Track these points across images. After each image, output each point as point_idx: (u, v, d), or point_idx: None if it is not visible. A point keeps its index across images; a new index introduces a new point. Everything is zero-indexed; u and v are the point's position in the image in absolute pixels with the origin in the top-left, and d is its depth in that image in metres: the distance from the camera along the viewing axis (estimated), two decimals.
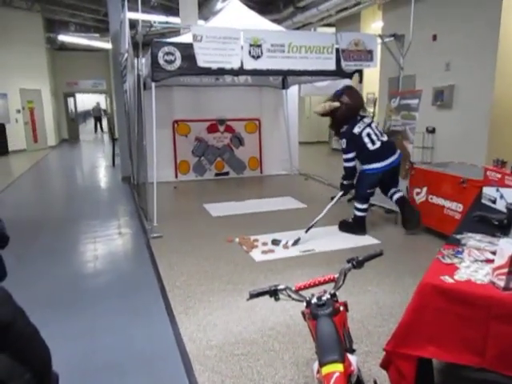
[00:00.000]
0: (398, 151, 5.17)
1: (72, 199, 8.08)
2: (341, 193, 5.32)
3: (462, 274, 2.00)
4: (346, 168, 5.23)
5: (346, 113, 5.10)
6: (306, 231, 4.97)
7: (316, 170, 9.73)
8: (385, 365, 2.18)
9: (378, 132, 5.10)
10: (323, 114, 5.35)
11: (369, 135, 5.02)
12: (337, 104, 5.10)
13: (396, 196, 5.27)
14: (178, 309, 3.42)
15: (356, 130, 5.04)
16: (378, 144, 5.01)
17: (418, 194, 5.22)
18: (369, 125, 5.08)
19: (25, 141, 14.90)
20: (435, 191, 5.00)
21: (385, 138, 5.10)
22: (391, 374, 2.12)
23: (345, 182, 5.31)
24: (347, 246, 4.76)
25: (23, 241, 5.12)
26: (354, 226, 5.26)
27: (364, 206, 5.20)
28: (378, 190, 5.43)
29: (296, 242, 4.84)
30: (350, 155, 5.13)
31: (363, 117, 5.19)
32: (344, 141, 5.12)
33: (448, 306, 1.90)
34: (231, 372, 2.61)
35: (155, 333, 3.12)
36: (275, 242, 4.86)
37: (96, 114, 23.97)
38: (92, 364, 2.75)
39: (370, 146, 5.01)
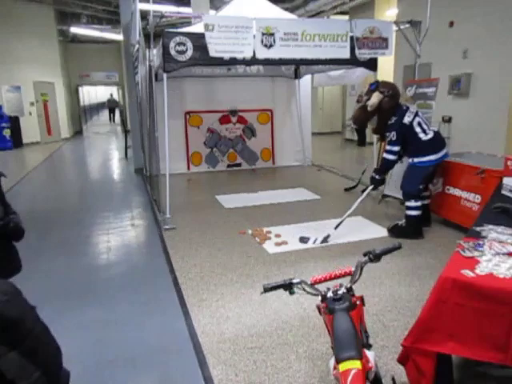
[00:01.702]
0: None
1: (85, 191, 8.13)
2: (371, 187, 4.93)
3: (483, 268, 1.94)
4: (386, 160, 4.78)
5: (391, 101, 4.68)
6: (336, 228, 4.67)
7: (329, 161, 9.63)
8: (402, 360, 2.13)
9: (426, 121, 4.78)
10: (364, 122, 5.05)
11: (420, 124, 4.62)
12: (380, 95, 4.67)
13: (425, 202, 4.95)
14: (191, 301, 3.41)
15: (406, 119, 4.62)
16: (430, 134, 4.62)
17: (434, 184, 5.11)
18: (417, 114, 4.69)
19: (39, 133, 15.04)
20: (452, 182, 4.89)
21: (435, 128, 4.81)
22: (409, 370, 2.08)
23: (377, 177, 4.89)
24: (362, 238, 4.69)
25: (38, 232, 5.16)
26: (408, 229, 4.72)
27: (418, 204, 4.68)
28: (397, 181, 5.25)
29: (325, 240, 4.59)
30: (396, 148, 4.67)
31: (407, 106, 4.83)
32: (394, 133, 4.64)
33: (469, 300, 1.84)
34: (245, 365, 2.59)
35: (168, 325, 3.11)
36: (303, 240, 4.62)
37: (111, 106, 25.10)
38: (104, 356, 2.75)
39: (422, 135, 4.60)
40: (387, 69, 10.29)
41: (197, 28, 5.61)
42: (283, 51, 5.23)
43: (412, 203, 4.69)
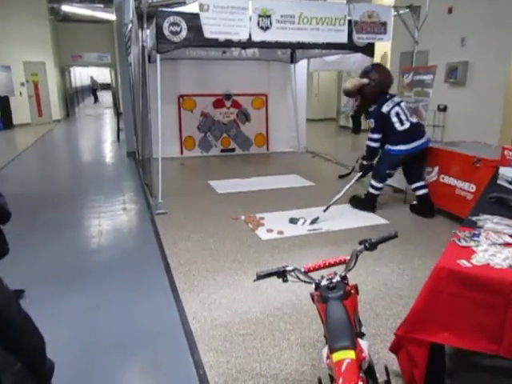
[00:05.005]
0: (426, 136, 4.99)
1: (76, 174, 8.02)
2: (359, 174, 5.27)
3: (479, 258, 1.91)
4: (368, 147, 5.08)
5: (374, 89, 4.94)
6: (325, 210, 4.93)
7: (323, 147, 9.57)
8: (394, 349, 2.13)
9: (407, 112, 4.93)
10: (350, 94, 5.22)
11: (397, 114, 4.85)
12: (365, 80, 4.94)
13: (421, 192, 5.08)
14: (183, 287, 3.38)
15: (384, 108, 4.86)
16: (406, 124, 4.83)
17: (429, 173, 5.09)
18: (398, 104, 4.91)
19: (29, 114, 14.78)
20: (447, 171, 4.87)
21: (414, 120, 4.95)
22: (401, 359, 2.07)
23: (364, 163, 5.19)
24: (355, 226, 4.68)
25: (27, 216, 5.08)
26: (364, 202, 5.21)
27: (379, 185, 5.11)
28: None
29: (314, 221, 4.75)
30: (376, 136, 4.96)
31: (392, 96, 5.03)
32: (372, 120, 4.96)
33: (464, 291, 1.82)
34: (236, 352, 2.56)
35: (159, 311, 3.08)
36: (293, 221, 4.77)
37: (94, 87, 27.60)
38: (95, 341, 2.71)
39: (398, 125, 4.83)
40: (378, 55, 10.17)
41: (191, 8, 5.45)
42: (279, 34, 5.13)
43: (375, 183, 5.11)
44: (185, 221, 4.92)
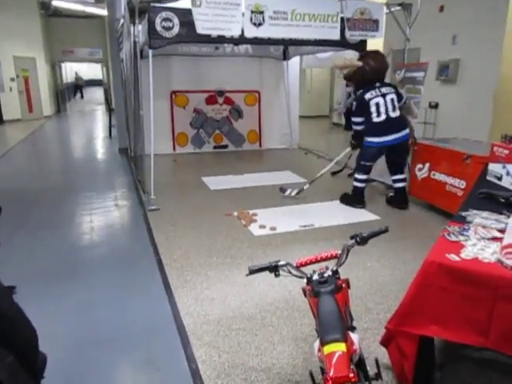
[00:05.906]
0: (406, 131, 4.98)
1: (68, 170, 7.96)
2: (348, 149, 5.66)
3: (468, 252, 1.94)
4: (354, 130, 5.30)
5: (367, 75, 4.99)
6: (310, 183, 5.26)
7: (316, 144, 9.60)
8: (385, 342, 2.15)
9: (390, 106, 4.91)
10: (347, 78, 5.38)
11: (377, 105, 4.87)
12: (359, 63, 5.00)
13: (399, 185, 5.23)
14: (175, 282, 3.38)
15: (367, 95, 4.92)
16: (382, 117, 4.87)
17: (420, 169, 5.13)
18: (383, 95, 4.91)
19: (19, 110, 14.62)
20: (438, 167, 4.91)
21: (394, 114, 4.92)
22: (392, 352, 2.10)
23: (353, 142, 5.45)
24: (347, 222, 4.71)
25: (18, 212, 5.05)
26: (352, 198, 5.28)
27: (362, 177, 5.18)
28: (383, 167, 5.40)
29: (299, 192, 5.16)
30: (358, 119, 5.09)
31: (382, 86, 5.01)
32: (355, 103, 5.09)
33: (453, 284, 1.85)
34: (228, 347, 2.58)
35: (152, 307, 3.08)
36: (282, 190, 5.18)
37: (78, 83, 27.44)
38: (87, 338, 2.71)
39: (374, 116, 4.89)
40: None
41: (184, 4, 5.43)
42: (272, 30, 5.13)
43: (358, 175, 5.22)
44: (178, 217, 4.92)
